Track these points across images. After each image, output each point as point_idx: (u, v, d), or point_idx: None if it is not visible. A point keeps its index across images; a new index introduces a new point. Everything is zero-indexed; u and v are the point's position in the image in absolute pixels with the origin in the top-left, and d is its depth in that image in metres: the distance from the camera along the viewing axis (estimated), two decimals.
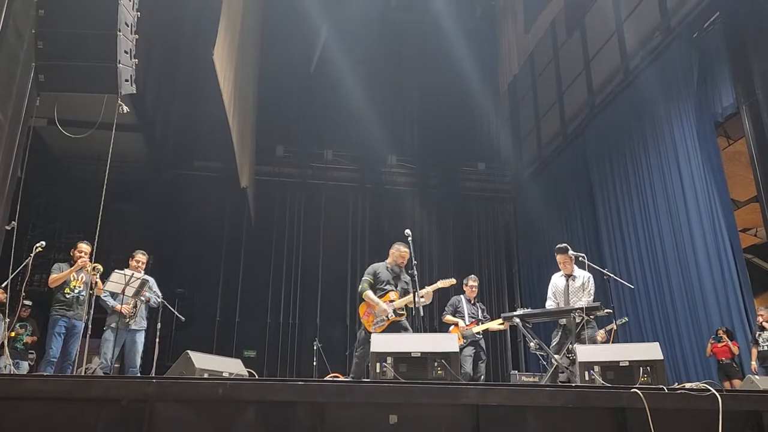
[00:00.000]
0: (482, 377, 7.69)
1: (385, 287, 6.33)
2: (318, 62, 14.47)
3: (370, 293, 6.27)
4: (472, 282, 8.11)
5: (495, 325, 7.77)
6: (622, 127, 10.80)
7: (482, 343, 7.81)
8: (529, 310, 6.87)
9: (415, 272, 6.06)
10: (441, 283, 6.52)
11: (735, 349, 8.23)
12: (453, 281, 6.69)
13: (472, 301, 8.02)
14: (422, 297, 6.21)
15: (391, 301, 6.23)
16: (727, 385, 8.06)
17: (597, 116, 11.74)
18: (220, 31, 8.44)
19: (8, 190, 4.98)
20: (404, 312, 6.25)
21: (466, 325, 7.73)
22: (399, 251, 6.55)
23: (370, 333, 5.99)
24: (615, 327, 8.06)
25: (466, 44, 13.88)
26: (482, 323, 7.78)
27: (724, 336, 8.23)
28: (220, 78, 8.71)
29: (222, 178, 13.95)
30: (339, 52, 13.80)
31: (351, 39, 13.74)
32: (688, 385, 3.52)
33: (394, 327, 6.15)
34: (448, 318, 7.98)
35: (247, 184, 12.31)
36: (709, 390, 3.34)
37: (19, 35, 4.86)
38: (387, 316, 6.16)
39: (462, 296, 8.05)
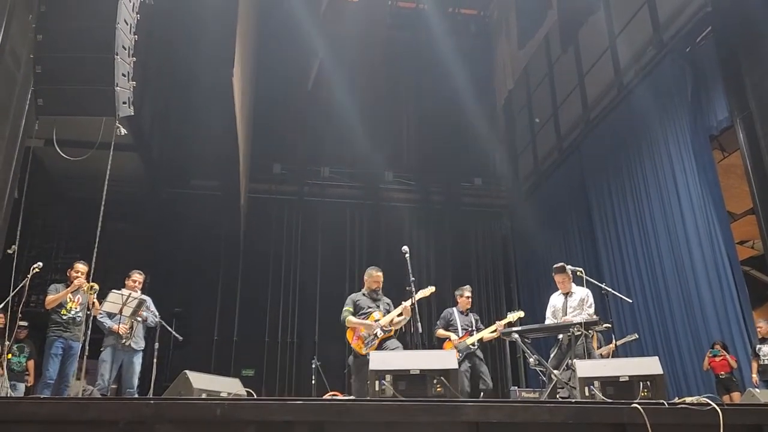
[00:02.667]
0: (489, 387, 7.49)
1: (367, 311, 6.39)
2: (315, 80, 14.55)
3: (352, 318, 6.33)
4: (467, 293, 7.93)
5: (487, 333, 7.62)
6: (618, 141, 10.86)
7: (479, 353, 7.62)
8: (524, 327, 6.81)
9: (413, 288, 6.05)
10: (420, 294, 6.40)
11: (733, 363, 8.19)
12: (432, 289, 6.66)
13: (465, 312, 7.84)
14: (401, 314, 6.23)
15: (377, 320, 6.24)
16: (726, 399, 8.02)
17: (592, 131, 11.79)
18: (237, 52, 8.51)
19: (5, 210, 4.98)
20: (391, 329, 6.25)
21: (459, 338, 7.57)
22: (371, 276, 6.64)
23: (363, 356, 6.04)
24: (614, 346, 8.04)
25: (462, 60, 13.98)
26: (476, 333, 7.67)
27: (722, 350, 8.20)
28: (236, 98, 8.76)
29: (219, 196, 13.97)
30: (335, 70, 13.89)
31: (347, 56, 13.83)
32: (688, 400, 3.50)
33: (382, 345, 6.17)
34: (441, 332, 7.81)
35: (243, 201, 12.36)
36: (710, 404, 3.32)
37: (16, 57, 4.89)
38: (376, 334, 6.16)
39: (454, 308, 7.90)
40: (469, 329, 7.65)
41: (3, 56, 4.73)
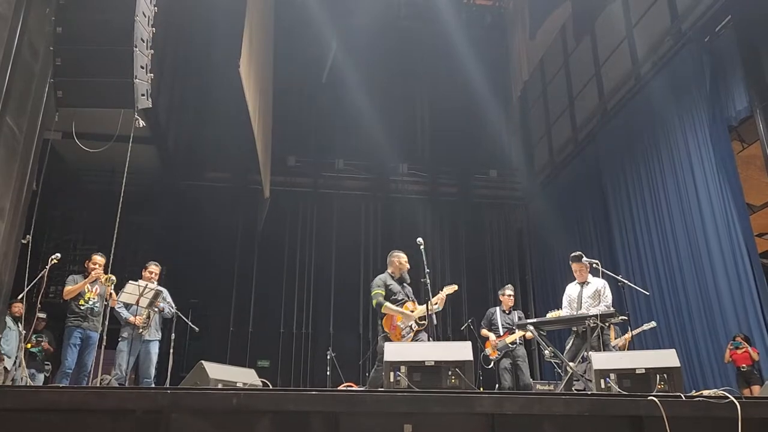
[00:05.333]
0: (524, 384, 7.63)
1: (399, 298, 6.17)
2: (329, 72, 14.54)
3: (389, 305, 6.03)
4: (508, 291, 8.19)
5: (528, 334, 7.64)
6: (635, 133, 10.74)
7: (520, 351, 7.79)
8: (540, 319, 6.79)
9: (428, 280, 6.02)
10: (447, 290, 6.35)
11: (755, 355, 8.09)
12: (455, 287, 6.55)
13: (507, 311, 8.06)
14: (436, 303, 6.16)
15: (411, 311, 6.14)
16: (747, 392, 7.93)
17: (609, 122, 11.68)
18: (244, 43, 8.51)
19: (24, 202, 5.03)
20: (425, 322, 6.14)
21: (498, 337, 7.80)
22: (400, 259, 6.35)
23: None
24: (630, 337, 8.01)
25: (476, 52, 13.90)
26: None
27: (744, 342, 8.10)
28: (245, 90, 8.76)
29: (234, 188, 14.05)
30: (349, 62, 13.86)
31: (361, 48, 13.80)
32: (706, 393, 3.48)
33: (417, 337, 6.07)
34: (483, 332, 8.12)
35: (268, 194, 12.41)
36: (728, 397, 3.30)
37: (34, 50, 4.91)
38: (411, 326, 6.02)
39: (497, 307, 8.13)
40: (511, 328, 7.76)
41: (21, 49, 4.75)
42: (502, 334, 7.81)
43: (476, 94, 14.09)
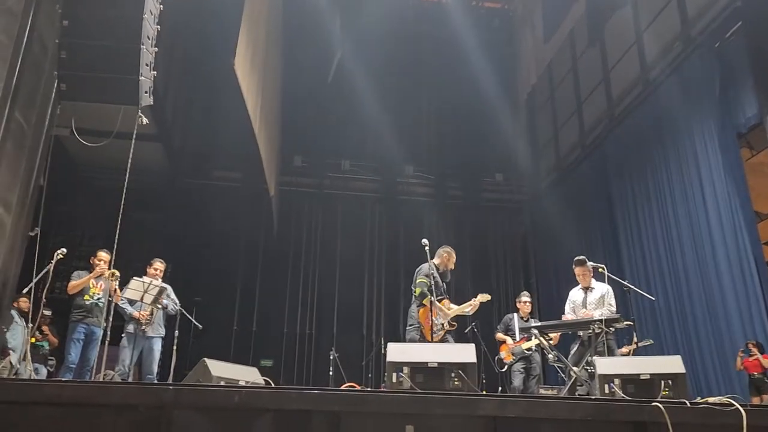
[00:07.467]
0: (531, 391, 7.67)
1: (438, 293, 6.16)
2: (336, 73, 14.54)
3: (433, 299, 6.02)
4: (525, 298, 8.31)
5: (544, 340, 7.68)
6: (642, 138, 10.69)
7: (536, 357, 7.86)
8: (544, 323, 6.77)
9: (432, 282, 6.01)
10: (481, 298, 6.49)
11: (766, 363, 8.03)
12: (488, 297, 6.63)
13: (525, 318, 8.14)
14: (468, 308, 6.32)
15: (448, 309, 6.13)
16: (757, 400, 7.88)
17: (617, 127, 11.63)
18: (240, 41, 8.51)
19: (31, 197, 5.05)
20: (456, 324, 6.15)
21: (515, 342, 7.87)
22: (451, 255, 6.53)
23: (428, 341, 5.83)
24: (635, 346, 7.96)
25: (484, 55, 13.87)
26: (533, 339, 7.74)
27: (755, 349, 8.03)
28: (243, 87, 8.76)
29: (240, 187, 14.06)
30: (357, 63, 13.86)
31: (369, 50, 13.80)
32: (711, 400, 3.45)
33: (445, 337, 6.07)
34: (499, 336, 8.21)
35: (273, 193, 12.41)
36: (733, 404, 3.27)
37: (44, 46, 4.93)
38: (443, 324, 6.04)
39: (515, 314, 8.21)
40: (527, 335, 7.81)
41: (30, 45, 4.77)
42: (518, 339, 7.90)
43: (483, 96, 14.06)
